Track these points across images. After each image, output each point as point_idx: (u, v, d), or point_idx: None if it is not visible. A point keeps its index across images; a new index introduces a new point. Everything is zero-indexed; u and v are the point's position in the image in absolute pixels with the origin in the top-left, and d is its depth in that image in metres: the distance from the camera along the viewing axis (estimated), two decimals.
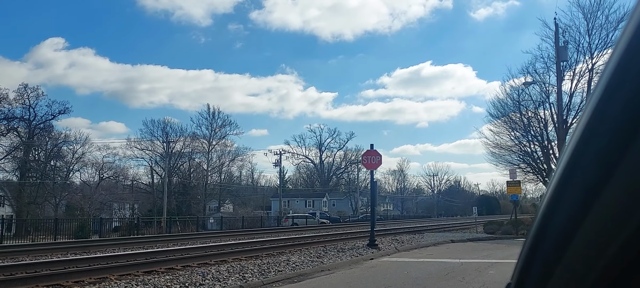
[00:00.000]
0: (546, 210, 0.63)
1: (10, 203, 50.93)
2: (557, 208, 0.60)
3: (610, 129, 0.51)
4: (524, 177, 41.71)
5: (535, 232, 0.66)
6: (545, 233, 0.64)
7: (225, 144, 69.85)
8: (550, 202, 0.63)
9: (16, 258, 16.57)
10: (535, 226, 0.66)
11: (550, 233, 0.63)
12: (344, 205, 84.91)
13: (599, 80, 0.55)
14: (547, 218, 0.63)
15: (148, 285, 10.19)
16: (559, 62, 28.53)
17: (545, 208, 0.64)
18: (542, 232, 0.65)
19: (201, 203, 63.87)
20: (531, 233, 0.68)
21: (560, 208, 0.60)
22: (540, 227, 0.65)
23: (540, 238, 0.65)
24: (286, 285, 10.77)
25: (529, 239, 0.68)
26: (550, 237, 0.63)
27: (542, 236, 0.65)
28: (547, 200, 0.64)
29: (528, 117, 38.08)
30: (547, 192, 0.64)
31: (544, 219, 0.64)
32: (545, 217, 0.64)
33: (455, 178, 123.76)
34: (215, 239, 26.66)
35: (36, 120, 55.76)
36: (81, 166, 58.88)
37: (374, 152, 20.31)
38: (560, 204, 0.60)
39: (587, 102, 0.57)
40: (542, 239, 0.65)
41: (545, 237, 0.64)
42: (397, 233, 28.75)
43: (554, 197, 0.62)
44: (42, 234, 33.12)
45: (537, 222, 0.66)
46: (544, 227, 0.64)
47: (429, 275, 11.58)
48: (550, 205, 0.63)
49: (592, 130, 0.54)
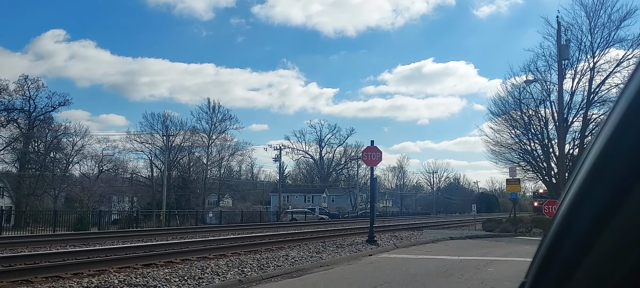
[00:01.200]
0: (569, 209, 0.61)
1: (9, 195, 50.92)
2: (582, 207, 0.58)
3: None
4: (523, 175, 41.71)
5: (556, 231, 0.64)
6: (567, 233, 0.61)
7: (225, 138, 69.88)
8: (574, 200, 0.60)
9: (15, 249, 16.56)
10: (556, 225, 0.64)
11: (573, 232, 0.60)
12: (343, 201, 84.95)
13: (633, 74, 0.54)
14: (570, 218, 0.61)
15: (147, 278, 10.18)
16: (560, 60, 28.48)
17: (569, 207, 0.61)
18: (564, 231, 0.62)
19: (200, 197, 63.88)
20: (551, 232, 0.65)
21: (585, 207, 0.57)
22: (561, 226, 0.63)
23: (561, 237, 0.63)
24: (285, 279, 10.77)
25: (549, 238, 0.66)
26: (572, 236, 0.60)
27: (564, 235, 0.62)
28: (570, 198, 0.61)
29: (529, 115, 38.07)
30: (570, 191, 0.62)
31: (567, 218, 0.62)
32: (567, 216, 0.61)
33: (454, 175, 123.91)
34: (214, 233, 26.68)
35: (36, 112, 55.74)
36: (81, 158, 58.96)
37: (374, 149, 20.30)
38: (586, 203, 0.57)
39: (619, 98, 0.55)
40: (563, 238, 0.62)
41: (567, 236, 0.61)
42: (396, 229, 28.77)
43: (578, 196, 0.59)
44: (41, 226, 33.17)
45: (558, 221, 0.64)
46: (566, 226, 0.62)
47: (428, 272, 11.58)
48: (574, 204, 0.60)
49: (625, 128, 0.52)
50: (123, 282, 9.62)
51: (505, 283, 9.53)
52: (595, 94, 34.31)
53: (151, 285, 9.53)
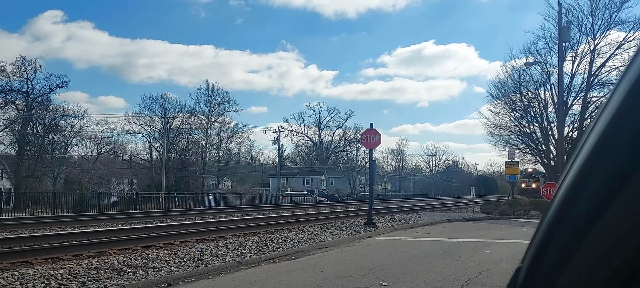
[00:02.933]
0: (567, 194, 0.59)
1: (8, 177, 50.98)
2: (581, 192, 0.57)
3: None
4: (522, 158, 41.80)
5: (554, 216, 0.62)
6: (565, 218, 0.60)
7: (224, 121, 69.80)
8: (573, 185, 0.59)
9: (15, 231, 16.63)
10: (554, 209, 0.62)
11: (572, 217, 0.59)
12: (342, 184, 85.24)
13: (634, 57, 0.53)
14: (568, 202, 0.59)
15: (147, 259, 10.24)
16: (561, 42, 28.31)
17: (567, 192, 0.59)
18: (562, 216, 0.60)
19: (199, 180, 64.01)
20: (548, 217, 0.64)
21: (584, 192, 0.56)
22: (559, 211, 0.61)
23: (559, 222, 0.61)
24: (284, 261, 10.83)
25: (546, 223, 0.64)
26: (570, 221, 0.59)
27: (562, 220, 0.61)
28: (568, 183, 0.60)
29: (528, 97, 38.00)
30: (569, 174, 0.60)
31: (565, 203, 0.60)
32: (565, 201, 0.60)
33: (453, 158, 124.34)
34: (213, 215, 26.78)
35: (34, 94, 55.56)
36: (79, 140, 58.91)
37: (373, 131, 20.28)
38: (585, 188, 0.56)
39: (619, 81, 0.54)
40: (561, 223, 0.61)
41: (565, 221, 0.60)
42: (394, 212, 28.89)
43: (577, 181, 0.58)
44: (40, 208, 33.24)
45: (556, 206, 0.62)
46: (564, 211, 0.60)
47: (426, 254, 11.65)
48: (573, 189, 0.59)
49: (625, 111, 0.52)
50: (123, 263, 9.67)
51: (503, 265, 9.59)
52: (595, 77, 34.22)
53: (151, 266, 9.58)
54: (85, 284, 8.02)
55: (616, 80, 0.57)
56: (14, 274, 8.28)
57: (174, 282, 8.48)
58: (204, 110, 67.64)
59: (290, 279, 8.66)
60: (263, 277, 8.93)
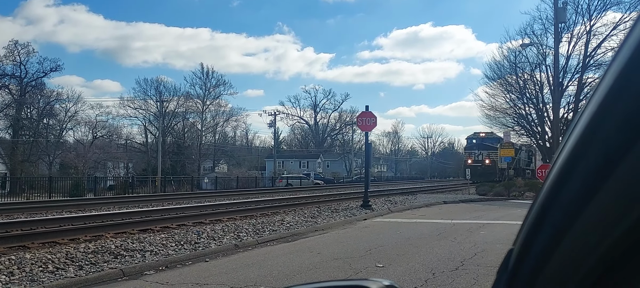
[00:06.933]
0: (559, 175, 0.59)
1: (4, 161, 50.78)
2: (572, 173, 0.57)
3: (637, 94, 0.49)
4: (518, 140, 42.00)
5: (545, 197, 0.62)
6: (556, 199, 0.60)
7: (219, 104, 69.54)
8: (564, 167, 0.59)
9: (11, 215, 16.62)
10: (546, 191, 0.62)
11: (563, 199, 0.59)
12: (338, 167, 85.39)
13: (627, 37, 0.52)
14: (559, 184, 0.59)
15: (144, 243, 10.27)
16: (557, 23, 28.23)
17: (558, 173, 0.59)
18: (554, 197, 0.60)
19: (196, 163, 63.99)
20: (540, 199, 0.64)
21: (576, 174, 0.56)
22: (551, 193, 0.61)
23: (550, 203, 0.61)
24: (280, 244, 10.89)
25: (538, 204, 0.64)
26: (562, 203, 0.59)
27: (553, 202, 0.61)
28: (560, 164, 0.60)
29: (524, 79, 38.04)
30: (561, 155, 0.60)
31: (556, 184, 0.60)
32: (557, 182, 0.60)
33: (449, 140, 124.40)
34: (209, 199, 26.84)
35: (28, 78, 55.00)
36: (74, 124, 58.56)
37: (369, 114, 20.27)
38: (576, 170, 0.56)
39: (612, 62, 0.54)
40: (552, 205, 0.61)
41: (557, 202, 0.60)
42: (390, 194, 29.03)
43: (568, 162, 0.58)
44: (36, 192, 33.23)
45: (547, 187, 0.62)
46: (555, 192, 0.60)
47: (422, 235, 11.74)
48: (564, 171, 0.59)
49: (618, 92, 0.51)
50: (120, 247, 9.71)
51: (497, 245, 9.68)
52: (591, 58, 34.22)
53: (148, 249, 9.62)
54: (82, 268, 8.05)
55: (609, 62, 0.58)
56: (11, 258, 8.29)
57: (171, 265, 8.52)
58: (199, 94, 67.41)
59: (287, 261, 8.72)
60: (260, 259, 8.99)
